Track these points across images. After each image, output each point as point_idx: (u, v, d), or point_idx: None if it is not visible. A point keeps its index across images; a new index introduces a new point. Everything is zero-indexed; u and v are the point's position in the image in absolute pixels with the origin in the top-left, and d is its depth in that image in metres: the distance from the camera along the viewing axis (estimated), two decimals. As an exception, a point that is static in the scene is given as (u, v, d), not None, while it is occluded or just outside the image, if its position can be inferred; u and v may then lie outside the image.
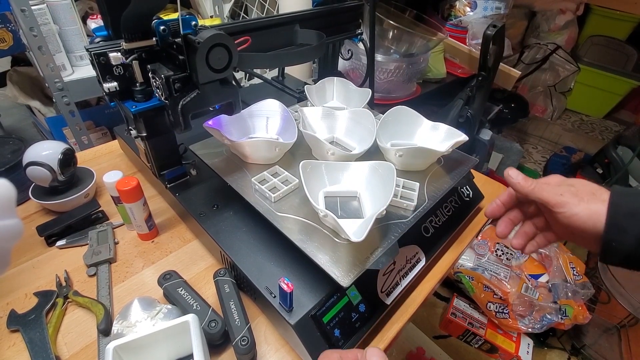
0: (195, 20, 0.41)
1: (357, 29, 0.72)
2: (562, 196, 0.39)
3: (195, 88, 0.43)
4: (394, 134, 0.59)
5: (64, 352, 0.42)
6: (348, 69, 1.21)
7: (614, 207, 0.37)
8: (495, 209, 0.48)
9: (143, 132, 0.50)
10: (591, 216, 0.37)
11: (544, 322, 1.13)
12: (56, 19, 0.99)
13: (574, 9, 2.26)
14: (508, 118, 2.07)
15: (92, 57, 0.43)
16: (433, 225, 0.55)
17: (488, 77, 1.28)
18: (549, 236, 0.45)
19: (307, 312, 0.40)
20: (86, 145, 1.10)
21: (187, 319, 0.38)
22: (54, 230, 0.55)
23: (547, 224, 0.45)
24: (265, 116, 0.61)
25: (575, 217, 0.38)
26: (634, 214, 0.36)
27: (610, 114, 2.57)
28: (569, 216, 0.39)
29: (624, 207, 0.37)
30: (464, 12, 1.53)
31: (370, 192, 0.48)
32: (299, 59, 0.60)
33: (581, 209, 0.38)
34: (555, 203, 0.39)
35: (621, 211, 0.37)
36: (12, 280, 0.50)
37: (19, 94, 1.23)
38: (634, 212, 0.36)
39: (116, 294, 0.49)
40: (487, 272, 1.21)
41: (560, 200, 0.39)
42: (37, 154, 0.55)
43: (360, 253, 0.41)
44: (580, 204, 0.38)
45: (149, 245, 0.56)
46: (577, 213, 0.38)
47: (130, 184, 0.49)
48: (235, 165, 0.54)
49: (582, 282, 1.20)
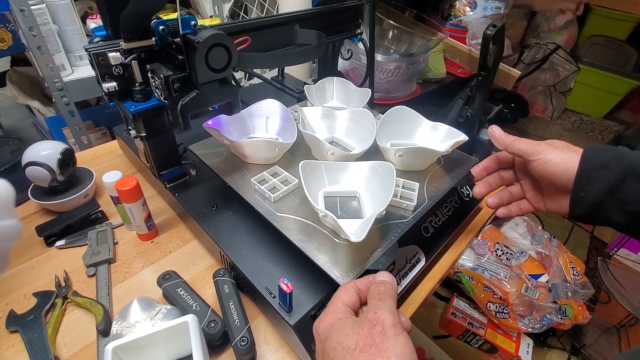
0: (194, 20, 0.41)
1: (357, 28, 0.71)
2: (539, 145, 0.42)
3: (195, 88, 0.43)
4: (394, 134, 0.59)
5: (63, 352, 0.42)
6: (348, 68, 1.21)
7: (585, 159, 0.39)
8: (478, 171, 0.51)
9: (142, 132, 0.50)
10: (564, 162, 0.40)
11: (543, 322, 1.13)
12: (55, 19, 0.99)
13: (573, 8, 2.26)
14: (508, 118, 2.07)
15: (92, 57, 0.43)
16: (433, 225, 0.54)
17: (488, 77, 1.28)
18: (523, 205, 0.49)
19: (306, 313, 0.40)
20: (86, 145, 1.10)
21: (186, 319, 0.38)
22: (53, 230, 0.55)
23: (522, 192, 0.49)
24: (265, 116, 0.60)
25: (549, 163, 0.41)
26: (603, 166, 0.38)
27: (610, 113, 2.57)
28: (544, 162, 0.41)
29: (595, 159, 0.39)
30: (464, 12, 1.53)
31: (370, 192, 0.48)
32: (298, 59, 0.59)
33: (555, 155, 0.41)
34: (531, 152, 0.42)
35: (592, 163, 0.39)
36: (11, 280, 0.50)
37: (19, 94, 1.23)
38: (604, 164, 0.38)
39: (115, 294, 0.49)
40: (487, 272, 1.21)
41: (536, 148, 0.42)
42: (37, 154, 0.55)
43: (360, 253, 0.41)
44: (554, 152, 0.41)
45: (149, 245, 0.56)
46: (551, 159, 0.41)
47: (130, 184, 0.49)
48: (234, 165, 0.54)
49: (582, 282, 1.20)
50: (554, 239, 1.32)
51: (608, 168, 0.38)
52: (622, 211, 0.38)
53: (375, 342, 0.28)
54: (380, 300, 0.31)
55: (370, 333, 0.29)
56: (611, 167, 0.38)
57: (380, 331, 0.28)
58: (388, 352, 0.27)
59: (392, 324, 0.29)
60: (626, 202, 0.38)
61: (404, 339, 0.28)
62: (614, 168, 0.38)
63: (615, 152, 0.39)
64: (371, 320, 0.29)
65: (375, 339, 0.28)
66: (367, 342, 0.28)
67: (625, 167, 0.38)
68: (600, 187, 0.38)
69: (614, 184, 0.38)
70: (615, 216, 0.39)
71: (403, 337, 0.28)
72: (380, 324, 0.29)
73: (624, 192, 0.37)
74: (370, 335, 0.28)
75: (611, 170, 0.38)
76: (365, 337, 0.28)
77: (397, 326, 0.29)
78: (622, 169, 0.38)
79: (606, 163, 0.38)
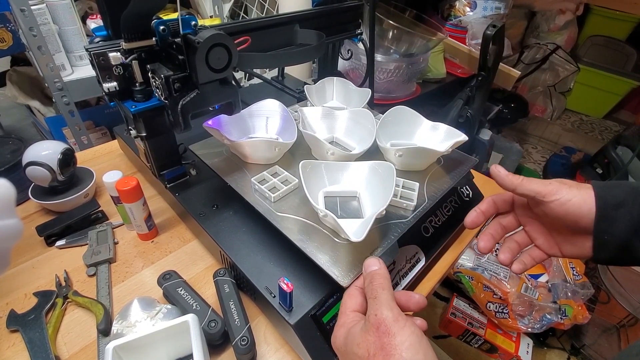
0: (194, 20, 0.41)
1: (357, 29, 0.72)
2: (551, 185, 0.38)
3: (195, 88, 0.43)
4: (394, 134, 0.59)
5: (64, 352, 0.42)
6: (348, 69, 1.21)
7: (600, 199, 0.36)
8: (475, 217, 0.45)
9: (143, 132, 0.50)
10: (585, 201, 0.37)
11: (543, 322, 1.13)
12: (56, 19, 0.99)
13: (573, 9, 2.27)
14: (508, 118, 2.07)
15: (92, 57, 0.43)
16: (433, 225, 0.55)
17: (488, 77, 1.28)
18: (535, 253, 0.44)
19: (306, 312, 0.40)
20: (86, 145, 1.10)
21: (186, 319, 0.38)
22: (53, 230, 0.55)
23: (528, 240, 0.44)
24: (265, 116, 0.61)
25: (569, 203, 0.37)
26: (620, 204, 0.36)
27: (610, 114, 2.57)
28: (564, 202, 0.37)
29: (609, 198, 0.36)
30: (464, 12, 1.53)
31: (370, 192, 0.48)
32: (298, 59, 0.59)
33: (574, 194, 0.37)
34: (547, 192, 0.38)
35: (608, 202, 0.36)
36: (12, 280, 0.50)
37: (19, 94, 1.23)
38: (620, 202, 0.36)
39: (116, 294, 0.49)
40: (487, 272, 1.21)
41: (550, 188, 0.38)
42: (37, 154, 0.55)
43: (360, 253, 0.41)
44: (571, 190, 0.38)
45: (149, 245, 0.56)
46: (570, 199, 0.37)
47: (130, 184, 0.49)
48: (235, 165, 0.54)
49: (581, 282, 1.20)
50: (553, 239, 1.32)
51: (626, 206, 0.36)
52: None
53: (384, 343, 0.29)
54: (376, 299, 0.32)
55: (377, 336, 0.29)
56: (629, 204, 0.36)
57: (385, 331, 0.29)
58: (399, 349, 0.28)
59: (394, 320, 0.30)
60: None
61: (409, 330, 0.29)
62: (632, 205, 0.36)
63: (626, 187, 0.37)
64: (374, 323, 0.30)
65: (383, 340, 0.29)
66: (377, 346, 0.29)
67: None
68: (623, 228, 0.36)
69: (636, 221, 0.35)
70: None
71: (408, 328, 0.29)
72: (383, 323, 0.30)
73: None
74: (378, 338, 0.29)
75: (629, 207, 0.36)
76: (374, 342, 0.29)
77: (399, 320, 0.30)
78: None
79: (623, 200, 0.36)
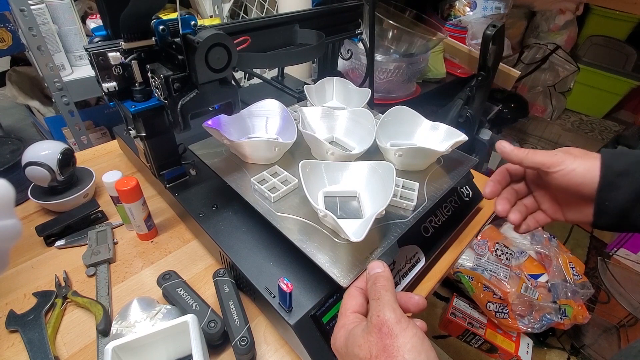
0: (194, 20, 0.41)
1: (357, 28, 0.72)
2: (556, 155, 0.40)
3: (195, 88, 0.42)
4: (394, 134, 0.59)
5: (63, 352, 0.42)
6: (348, 68, 1.21)
7: (605, 167, 0.38)
8: (492, 187, 0.47)
9: (142, 132, 0.50)
10: (589, 170, 0.38)
11: (543, 322, 1.13)
12: (55, 19, 0.99)
13: (573, 9, 2.27)
14: (508, 118, 2.07)
15: (91, 57, 0.43)
16: (433, 225, 0.54)
17: (488, 77, 1.28)
18: (539, 217, 0.47)
19: (306, 312, 0.40)
20: (85, 145, 1.10)
21: (186, 319, 0.38)
22: (53, 230, 0.55)
23: (536, 204, 0.47)
24: (265, 116, 0.60)
25: (573, 172, 0.39)
26: (625, 172, 0.37)
27: (609, 114, 2.57)
28: (567, 172, 0.39)
29: (615, 166, 0.37)
30: (464, 12, 1.53)
31: (369, 192, 0.48)
32: (298, 58, 0.59)
33: (578, 164, 0.38)
34: (551, 163, 0.40)
35: (613, 170, 0.37)
36: (11, 280, 0.50)
37: (18, 94, 1.23)
38: (625, 170, 0.37)
39: (115, 294, 0.49)
40: (487, 272, 1.21)
41: (555, 159, 0.39)
42: (36, 154, 0.55)
43: (360, 253, 0.41)
44: (576, 160, 0.39)
45: (148, 245, 0.56)
46: (574, 169, 0.38)
47: (130, 184, 0.49)
48: (234, 165, 0.54)
49: (581, 282, 1.20)
50: (553, 239, 1.32)
51: (630, 174, 0.37)
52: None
53: (386, 345, 0.29)
54: (379, 300, 0.32)
55: (379, 338, 0.29)
56: (633, 173, 0.37)
57: (388, 332, 0.29)
58: (401, 350, 0.28)
59: (396, 322, 0.30)
60: None
61: (411, 332, 0.29)
62: (635, 174, 0.37)
63: (634, 157, 0.38)
64: (376, 324, 0.30)
65: (385, 342, 0.29)
66: (379, 347, 0.29)
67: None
68: (625, 195, 0.37)
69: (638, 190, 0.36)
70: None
71: (410, 330, 0.29)
72: (385, 325, 0.30)
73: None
74: (380, 339, 0.29)
75: (633, 175, 0.37)
76: (376, 344, 0.29)
77: (401, 321, 0.30)
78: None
79: (628, 169, 0.37)
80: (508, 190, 0.48)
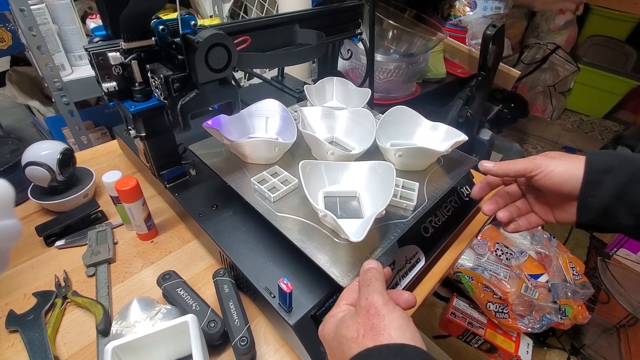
0: (194, 20, 0.41)
1: (357, 28, 0.71)
2: (535, 160, 0.42)
3: (195, 88, 0.42)
4: (394, 134, 0.59)
5: (63, 352, 0.42)
6: (348, 68, 1.21)
7: (589, 165, 0.39)
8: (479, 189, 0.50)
9: (142, 132, 0.50)
10: (567, 170, 0.40)
11: (543, 322, 1.13)
12: (55, 19, 0.99)
13: (573, 9, 2.27)
14: (508, 118, 2.07)
15: (91, 57, 0.43)
16: (433, 225, 0.54)
17: (488, 77, 1.28)
18: (532, 219, 0.48)
19: (306, 312, 0.40)
20: (85, 145, 1.10)
21: (186, 319, 0.38)
22: (53, 230, 0.55)
23: (529, 207, 0.48)
24: (265, 116, 0.60)
25: (552, 173, 0.41)
26: (608, 170, 0.38)
27: (609, 113, 2.57)
28: (547, 174, 0.41)
29: (599, 163, 0.39)
30: (464, 12, 1.53)
31: (369, 192, 0.48)
32: (298, 58, 0.59)
33: (556, 165, 0.41)
34: (531, 167, 0.42)
35: (597, 168, 0.39)
36: (11, 280, 0.50)
37: (18, 94, 1.23)
38: (608, 168, 0.38)
39: (115, 294, 0.49)
40: (487, 272, 1.21)
41: (534, 163, 0.42)
42: (36, 154, 0.55)
43: (360, 253, 0.41)
44: (553, 162, 0.41)
45: (148, 245, 0.56)
46: (553, 169, 0.41)
47: (130, 184, 0.49)
48: (234, 165, 0.54)
49: (581, 282, 1.20)
50: (553, 239, 1.32)
51: (613, 172, 0.38)
52: (631, 214, 0.38)
53: (373, 324, 0.30)
54: (368, 287, 0.33)
55: (367, 318, 0.30)
56: (616, 171, 0.38)
57: (375, 313, 0.30)
58: (387, 329, 0.29)
59: (383, 304, 0.31)
60: (635, 204, 0.37)
61: (398, 313, 0.31)
62: (619, 171, 0.38)
63: (617, 156, 0.39)
64: (364, 306, 0.31)
65: (372, 321, 0.30)
66: (367, 326, 0.30)
67: (631, 170, 0.38)
68: (607, 192, 0.38)
69: (621, 187, 0.38)
70: (624, 220, 0.39)
71: (397, 312, 0.31)
72: (373, 306, 0.31)
73: (631, 195, 0.38)
74: (368, 319, 0.30)
75: (616, 173, 0.38)
76: (364, 323, 0.30)
77: (388, 304, 0.31)
78: (627, 172, 0.38)
79: (610, 167, 0.38)
80: (500, 192, 0.50)
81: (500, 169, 0.46)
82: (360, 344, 0.29)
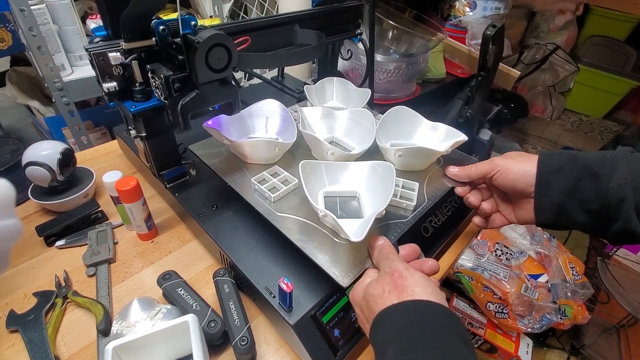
0: (194, 20, 0.41)
1: (357, 29, 0.72)
2: (493, 161, 0.46)
3: (195, 88, 0.43)
4: (394, 134, 0.59)
5: (63, 352, 0.42)
6: (348, 69, 1.21)
7: (541, 164, 0.42)
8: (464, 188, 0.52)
9: (142, 132, 0.50)
10: (521, 167, 0.43)
11: (543, 322, 1.13)
12: (55, 19, 0.99)
13: (573, 9, 2.27)
14: (507, 118, 2.07)
15: (92, 57, 0.43)
16: (432, 225, 0.54)
17: (487, 77, 1.28)
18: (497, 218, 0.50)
19: (306, 312, 0.40)
20: (85, 145, 1.10)
21: (186, 319, 0.38)
22: (53, 230, 0.55)
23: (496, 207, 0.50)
24: (265, 116, 0.61)
25: (508, 170, 0.44)
26: (559, 169, 0.40)
27: (609, 114, 2.57)
28: (503, 172, 0.44)
29: (550, 164, 0.41)
30: (464, 12, 1.53)
31: (369, 192, 0.48)
32: (298, 59, 0.59)
33: (512, 164, 0.44)
34: (490, 168, 0.46)
35: (548, 167, 0.41)
36: (11, 280, 0.50)
37: (18, 94, 1.23)
38: (559, 167, 0.40)
39: (115, 294, 0.49)
40: (487, 272, 1.21)
41: (492, 164, 0.45)
42: (36, 154, 0.55)
43: (360, 253, 0.41)
44: (509, 161, 0.44)
45: (149, 245, 0.56)
46: (508, 167, 0.44)
47: (130, 184, 0.49)
48: (234, 165, 0.54)
49: (581, 282, 1.20)
50: (553, 239, 1.32)
51: (563, 171, 0.40)
52: (583, 211, 0.39)
53: (397, 284, 0.33)
54: (387, 259, 0.37)
55: (392, 279, 0.34)
56: (566, 170, 0.40)
57: (398, 276, 0.34)
58: (411, 286, 0.33)
59: (405, 268, 0.35)
60: (585, 201, 0.39)
61: (419, 274, 0.34)
62: (569, 170, 0.40)
63: (568, 155, 0.41)
64: (388, 272, 0.35)
65: (397, 282, 0.34)
66: (392, 285, 0.34)
67: (579, 168, 0.39)
68: (559, 190, 0.40)
69: (571, 185, 0.39)
70: (578, 217, 0.40)
71: (418, 274, 0.34)
72: (397, 272, 0.35)
73: (581, 192, 0.39)
74: (393, 280, 0.34)
75: (566, 172, 0.40)
76: (389, 283, 0.34)
77: (409, 269, 0.35)
78: (577, 170, 0.39)
79: (561, 166, 0.40)
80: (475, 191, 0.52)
81: (464, 173, 0.50)
82: (385, 299, 0.32)
